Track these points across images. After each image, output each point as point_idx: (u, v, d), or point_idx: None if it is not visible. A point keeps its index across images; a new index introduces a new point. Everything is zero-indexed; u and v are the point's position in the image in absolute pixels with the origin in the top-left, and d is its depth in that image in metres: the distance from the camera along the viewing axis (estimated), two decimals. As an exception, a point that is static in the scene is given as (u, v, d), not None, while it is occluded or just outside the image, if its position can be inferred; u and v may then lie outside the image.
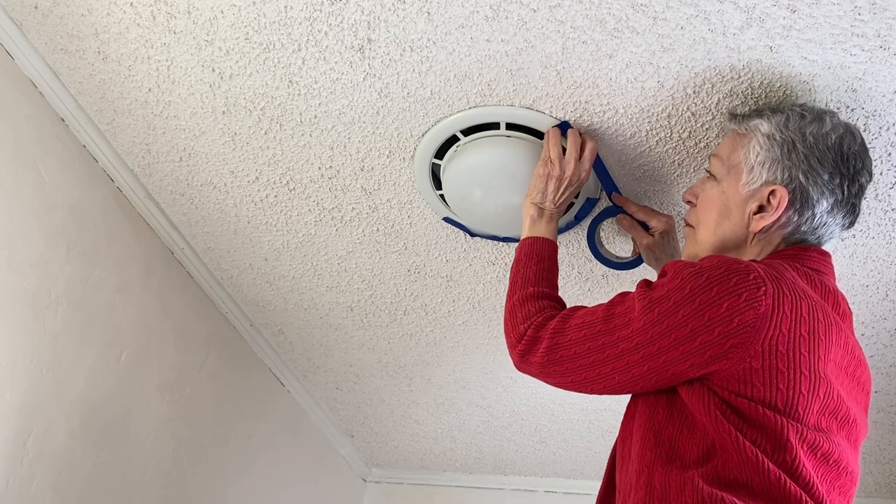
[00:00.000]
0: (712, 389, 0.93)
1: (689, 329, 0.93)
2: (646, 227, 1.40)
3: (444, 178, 1.41)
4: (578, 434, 2.28)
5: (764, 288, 0.92)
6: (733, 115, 1.16)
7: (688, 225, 1.19)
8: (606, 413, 2.14)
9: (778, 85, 1.16)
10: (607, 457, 2.34)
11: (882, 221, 1.37)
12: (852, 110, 1.18)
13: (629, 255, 1.52)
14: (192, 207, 1.68)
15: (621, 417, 2.13)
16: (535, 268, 1.22)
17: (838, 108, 1.18)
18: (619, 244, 1.57)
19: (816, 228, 1.07)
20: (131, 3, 1.24)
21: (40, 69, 1.40)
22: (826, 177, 1.05)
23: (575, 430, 2.26)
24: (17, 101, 1.40)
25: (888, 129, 1.20)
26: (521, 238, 1.29)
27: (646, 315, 0.98)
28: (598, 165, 1.36)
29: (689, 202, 1.20)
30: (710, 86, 1.18)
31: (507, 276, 1.70)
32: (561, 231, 1.52)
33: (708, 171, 1.17)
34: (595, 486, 2.52)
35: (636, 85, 1.21)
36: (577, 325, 1.06)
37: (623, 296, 1.05)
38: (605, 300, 1.69)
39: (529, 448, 2.43)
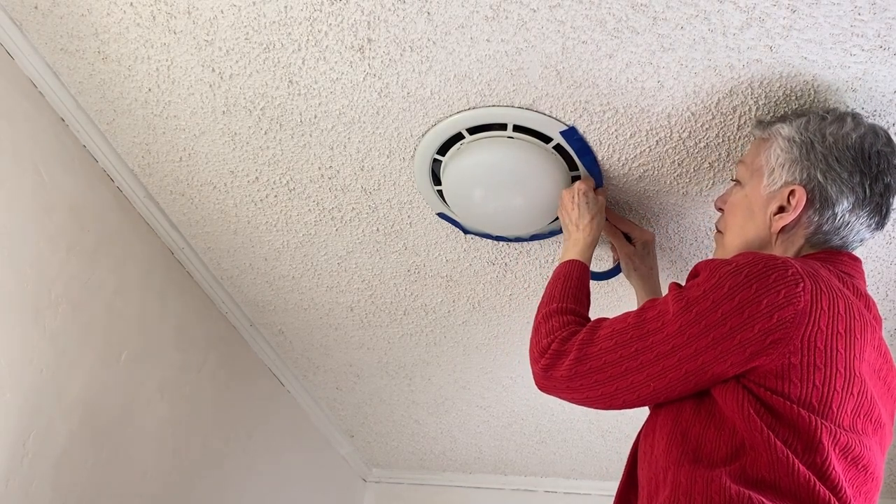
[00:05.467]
0: (747, 388, 0.92)
1: (729, 327, 0.92)
2: (627, 238, 1.45)
3: (445, 174, 1.41)
4: (578, 434, 2.28)
5: (802, 284, 0.92)
6: (759, 122, 1.18)
7: (718, 231, 1.21)
8: (606, 413, 2.14)
9: (778, 85, 1.16)
10: (607, 457, 2.36)
11: (882, 221, 1.37)
12: (852, 110, 1.18)
13: (607, 265, 1.57)
14: (192, 207, 1.68)
15: (621, 417, 2.14)
16: (562, 286, 1.21)
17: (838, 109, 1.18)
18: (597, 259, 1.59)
19: (839, 229, 1.06)
20: (131, 3, 1.24)
21: (40, 69, 1.40)
22: (845, 175, 1.04)
23: (575, 430, 2.26)
24: (17, 101, 1.40)
25: (888, 128, 1.20)
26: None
27: (682, 316, 0.97)
28: (593, 168, 1.37)
29: (719, 209, 1.22)
30: (710, 85, 1.18)
31: (507, 275, 1.70)
32: (546, 236, 1.54)
33: (735, 178, 1.18)
34: (595, 486, 2.53)
35: (636, 85, 1.21)
36: (606, 335, 1.04)
37: (653, 302, 1.04)
38: (599, 300, 1.70)
39: (529, 448, 2.43)
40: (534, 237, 1.55)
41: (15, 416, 1.37)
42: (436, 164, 1.43)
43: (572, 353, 1.05)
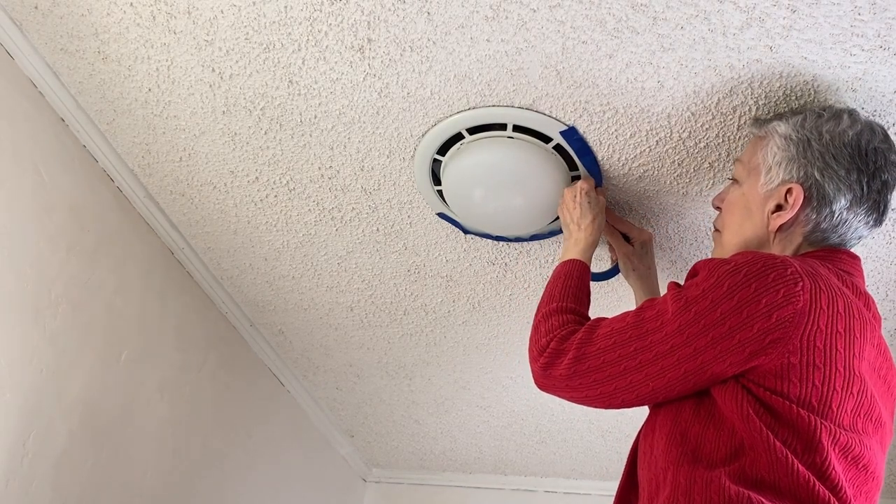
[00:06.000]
0: (746, 387, 0.92)
1: (727, 327, 0.92)
2: (626, 238, 1.45)
3: (445, 174, 1.41)
4: (578, 434, 2.28)
5: (801, 283, 0.92)
6: (756, 120, 1.18)
7: (716, 230, 1.21)
8: (606, 413, 2.14)
9: (778, 85, 1.16)
10: (607, 457, 2.36)
11: (882, 221, 1.37)
12: (849, 107, 1.18)
13: (606, 265, 1.57)
14: (192, 207, 1.68)
15: (621, 417, 2.14)
16: (562, 285, 1.21)
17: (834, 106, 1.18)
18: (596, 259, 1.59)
19: (837, 226, 1.06)
20: (131, 3, 1.24)
21: (40, 69, 1.40)
22: (843, 173, 1.04)
23: (575, 430, 2.26)
24: (17, 101, 1.40)
25: (889, 128, 1.20)
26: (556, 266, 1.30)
27: (681, 315, 0.96)
28: (593, 168, 1.37)
29: (717, 208, 1.22)
30: (710, 85, 1.18)
31: (507, 275, 1.70)
32: (546, 236, 1.54)
33: (732, 177, 1.18)
34: (595, 486, 2.52)
35: (636, 85, 1.21)
36: (605, 334, 1.04)
37: (652, 301, 1.04)
38: (599, 300, 1.70)
39: (529, 448, 2.43)
40: (534, 237, 1.55)
41: (15, 416, 1.38)
42: (436, 164, 1.43)
43: (571, 353, 1.05)
